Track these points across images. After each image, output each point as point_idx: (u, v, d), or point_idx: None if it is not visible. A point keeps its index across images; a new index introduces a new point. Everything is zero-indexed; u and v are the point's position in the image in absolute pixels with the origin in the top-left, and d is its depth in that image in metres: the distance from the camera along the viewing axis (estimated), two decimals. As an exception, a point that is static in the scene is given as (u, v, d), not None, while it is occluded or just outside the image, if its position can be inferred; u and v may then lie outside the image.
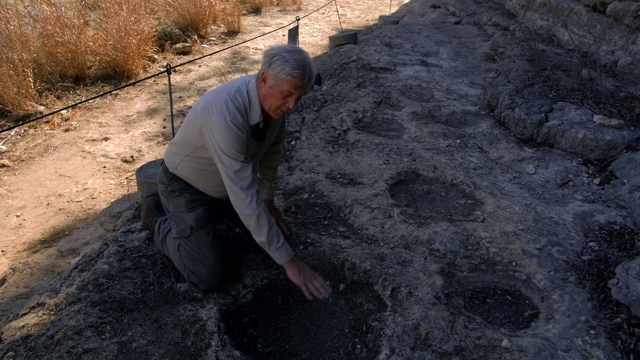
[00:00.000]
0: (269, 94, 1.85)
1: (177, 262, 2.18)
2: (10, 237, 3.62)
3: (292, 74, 1.77)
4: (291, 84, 1.79)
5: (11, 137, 5.08)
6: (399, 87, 5.04)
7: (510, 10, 8.36)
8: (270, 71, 1.80)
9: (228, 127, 1.81)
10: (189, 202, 2.12)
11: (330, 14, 12.43)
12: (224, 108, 1.83)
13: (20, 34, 5.90)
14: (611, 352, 1.82)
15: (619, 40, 4.90)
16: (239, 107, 1.85)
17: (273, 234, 1.91)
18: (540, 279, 2.26)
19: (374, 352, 1.87)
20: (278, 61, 1.78)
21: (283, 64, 1.77)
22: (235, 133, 1.82)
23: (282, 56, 1.78)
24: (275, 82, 1.80)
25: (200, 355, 1.76)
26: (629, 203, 2.83)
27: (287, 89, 1.80)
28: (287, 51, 1.79)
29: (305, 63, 1.79)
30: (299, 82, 1.79)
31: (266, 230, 1.89)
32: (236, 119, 1.83)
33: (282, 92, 1.82)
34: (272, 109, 1.88)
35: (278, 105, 1.86)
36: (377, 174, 3.27)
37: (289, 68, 1.76)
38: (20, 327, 1.94)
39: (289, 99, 1.84)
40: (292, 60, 1.77)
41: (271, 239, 1.91)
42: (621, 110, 3.80)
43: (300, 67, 1.77)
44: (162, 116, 5.78)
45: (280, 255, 1.94)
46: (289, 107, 1.86)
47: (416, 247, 2.50)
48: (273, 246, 1.92)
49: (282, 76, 1.77)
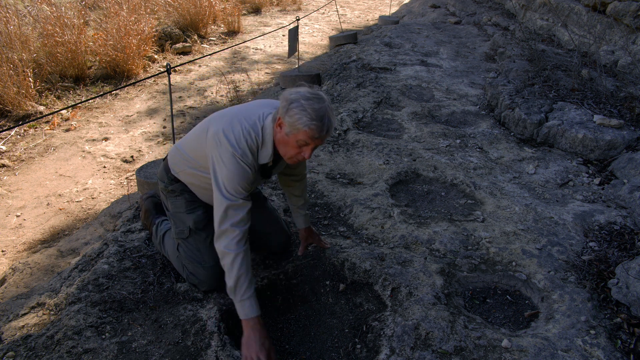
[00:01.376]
0: (284, 141, 1.75)
1: (176, 263, 2.17)
2: (10, 237, 3.62)
3: (309, 126, 1.66)
4: (308, 135, 1.68)
5: (11, 137, 5.08)
6: (399, 87, 5.04)
7: (510, 10, 8.36)
8: (287, 118, 1.69)
9: (235, 164, 1.74)
10: (189, 203, 2.11)
11: (330, 14, 12.43)
12: (234, 143, 1.74)
13: (20, 34, 5.90)
14: (611, 352, 1.82)
15: (619, 40, 4.90)
16: (251, 145, 1.77)
17: (243, 282, 1.75)
18: (540, 279, 2.26)
19: (374, 352, 1.87)
20: (296, 109, 1.67)
21: (301, 113, 1.66)
22: (242, 171, 1.75)
23: (300, 104, 1.67)
24: (291, 131, 1.70)
25: (200, 355, 1.76)
26: (629, 203, 2.83)
27: (303, 139, 1.70)
28: (306, 98, 1.68)
29: (324, 113, 1.68)
30: (316, 134, 1.68)
31: (235, 275, 1.74)
32: (245, 157, 1.75)
33: (298, 142, 1.72)
34: (287, 156, 1.79)
35: (293, 154, 1.77)
36: (377, 174, 3.27)
37: (306, 118, 1.65)
38: (20, 327, 1.94)
39: (305, 149, 1.74)
40: (310, 109, 1.66)
41: (239, 286, 1.75)
42: (621, 110, 3.80)
43: (318, 119, 1.66)
44: (162, 116, 5.79)
45: (242, 307, 1.76)
46: (305, 157, 1.75)
47: (416, 247, 2.50)
48: (238, 296, 1.76)
49: (299, 126, 1.67)
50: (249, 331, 1.75)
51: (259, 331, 1.75)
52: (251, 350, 1.71)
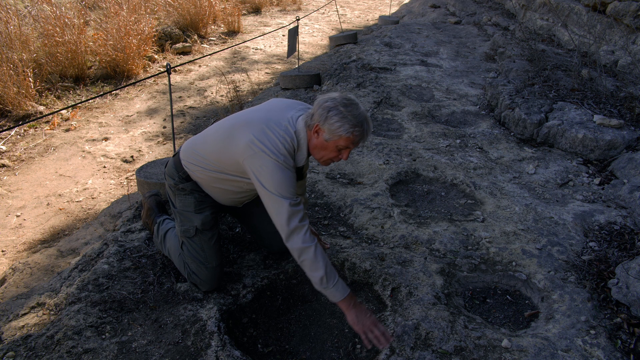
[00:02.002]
0: (322, 146, 1.84)
1: (177, 261, 2.17)
2: (10, 237, 3.62)
3: (352, 132, 1.77)
4: (350, 140, 1.79)
5: (11, 137, 5.08)
6: (399, 87, 5.04)
7: (510, 10, 8.36)
8: (327, 126, 1.77)
9: (281, 170, 1.79)
10: (198, 203, 2.09)
11: (330, 14, 12.43)
12: (274, 150, 1.78)
13: (20, 34, 5.90)
14: (611, 352, 1.82)
15: (619, 40, 4.90)
16: (289, 149, 1.83)
17: (330, 269, 1.81)
18: (540, 279, 2.26)
19: (374, 352, 1.87)
20: (336, 117, 1.75)
21: (342, 121, 1.75)
22: (288, 175, 1.81)
23: (339, 111, 1.76)
24: (331, 137, 1.79)
25: (200, 355, 1.76)
26: (629, 203, 2.83)
27: (344, 145, 1.80)
28: (344, 105, 1.77)
29: (364, 119, 1.79)
30: (358, 139, 1.80)
31: (323, 264, 1.79)
32: (287, 162, 1.81)
33: (338, 146, 1.81)
34: (324, 159, 1.89)
35: (331, 157, 1.86)
36: (377, 174, 3.27)
37: (348, 125, 1.75)
38: (20, 327, 1.94)
39: (344, 152, 1.84)
40: (351, 116, 1.76)
41: (329, 274, 1.80)
42: (621, 110, 3.80)
43: (359, 124, 1.77)
44: (162, 116, 5.79)
45: (337, 291, 1.82)
46: (343, 158, 1.87)
47: (416, 247, 2.51)
48: (331, 281, 1.81)
49: (341, 133, 1.76)
50: (355, 308, 1.82)
51: (361, 307, 1.84)
52: (366, 324, 1.79)
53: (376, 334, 1.78)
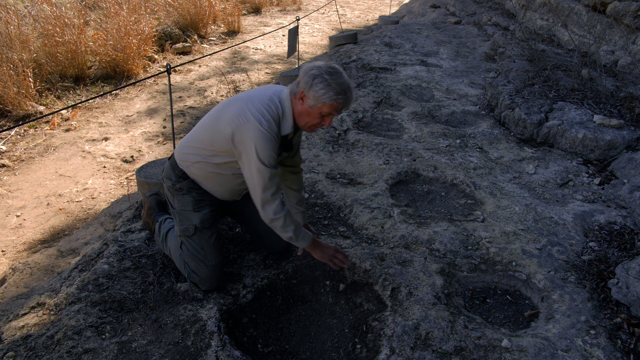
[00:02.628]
0: (307, 112, 1.89)
1: (178, 261, 2.17)
2: (10, 237, 3.62)
3: (336, 99, 1.82)
4: (333, 107, 1.84)
5: (11, 137, 5.08)
6: (399, 87, 5.04)
7: (510, 10, 8.36)
8: (312, 93, 1.83)
9: (264, 135, 1.83)
10: (196, 202, 2.10)
11: (330, 14, 12.43)
12: (259, 116, 1.84)
13: (20, 34, 5.90)
14: (611, 352, 1.82)
15: (619, 40, 4.90)
16: (274, 116, 1.88)
17: (297, 229, 2.01)
18: (540, 279, 2.26)
19: (374, 352, 1.87)
20: (320, 84, 1.81)
21: (326, 88, 1.80)
22: (270, 142, 1.84)
23: (324, 78, 1.81)
24: (316, 104, 1.84)
25: (200, 355, 1.76)
26: (629, 203, 2.83)
27: (327, 111, 1.85)
28: (329, 73, 1.82)
29: (347, 87, 1.84)
30: (341, 106, 1.86)
31: (292, 228, 1.98)
32: (271, 128, 1.85)
33: (322, 113, 1.86)
34: (308, 125, 1.94)
35: (314, 123, 1.91)
36: (377, 174, 3.27)
37: (332, 93, 1.80)
38: (20, 327, 1.94)
39: (327, 119, 1.90)
40: (335, 84, 1.81)
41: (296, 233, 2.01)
42: (621, 110, 3.80)
43: (343, 92, 1.82)
44: (162, 116, 5.79)
45: (304, 239, 2.05)
46: (325, 125, 1.92)
47: (416, 247, 2.50)
48: (299, 238, 2.03)
49: (325, 99, 1.82)
50: (316, 247, 2.11)
51: (323, 243, 2.14)
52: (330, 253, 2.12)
53: (340, 258, 2.13)
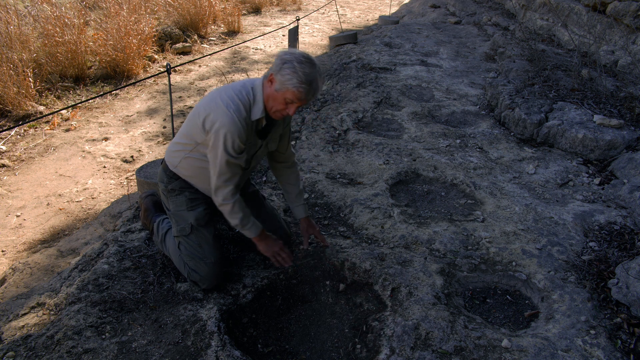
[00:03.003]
0: (273, 96, 1.88)
1: (177, 261, 2.18)
2: (10, 237, 3.62)
3: (298, 88, 1.80)
4: (295, 95, 1.83)
5: (11, 137, 5.08)
6: (399, 87, 5.04)
7: (510, 10, 8.36)
8: (279, 77, 1.83)
9: (230, 119, 1.84)
10: (190, 201, 2.12)
11: (330, 14, 12.43)
12: (227, 101, 1.87)
13: (20, 34, 5.90)
14: (611, 352, 1.82)
15: (619, 40, 4.90)
16: (243, 101, 1.89)
17: (244, 218, 2.04)
18: (540, 279, 2.26)
19: (374, 352, 1.87)
20: (288, 69, 1.80)
21: (292, 74, 1.80)
22: (236, 126, 1.85)
23: (293, 65, 1.80)
24: (281, 88, 1.84)
25: (200, 355, 1.76)
26: (629, 203, 2.83)
27: (290, 98, 1.84)
28: (299, 61, 1.81)
29: (313, 78, 1.82)
30: (303, 96, 1.83)
31: (238, 216, 2.02)
32: (239, 112, 1.86)
33: (286, 99, 1.85)
34: (273, 110, 1.92)
35: (279, 108, 1.90)
36: (377, 174, 3.27)
37: (296, 80, 1.79)
38: (20, 327, 1.94)
39: (291, 106, 1.88)
40: (301, 72, 1.79)
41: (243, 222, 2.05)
42: (621, 110, 3.80)
43: (307, 82, 1.80)
44: (162, 116, 5.79)
45: (250, 230, 2.09)
46: (289, 113, 1.90)
47: (416, 247, 2.50)
48: (245, 227, 2.06)
49: (288, 86, 1.81)
50: (262, 240, 2.14)
51: (268, 237, 2.17)
52: (274, 249, 2.16)
53: (283, 256, 2.16)
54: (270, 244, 2.16)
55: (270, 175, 3.33)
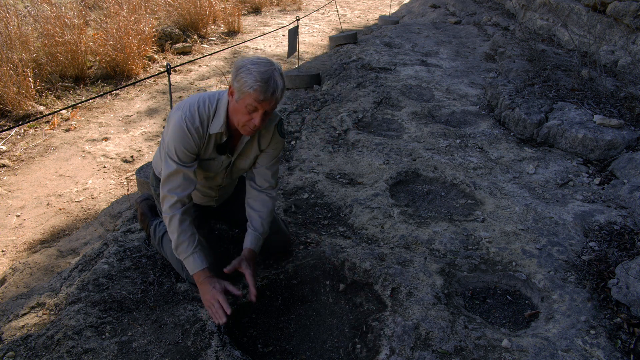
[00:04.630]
0: (235, 109, 1.77)
1: (175, 263, 2.17)
2: (10, 237, 3.62)
3: (253, 87, 1.66)
4: (253, 97, 1.68)
5: (11, 137, 5.08)
6: (399, 87, 5.04)
7: (510, 10, 8.36)
8: (235, 84, 1.72)
9: (179, 126, 1.78)
10: None
11: (330, 14, 12.43)
12: (186, 108, 1.81)
13: (20, 34, 5.90)
14: (611, 352, 1.82)
15: (619, 40, 4.90)
16: (201, 112, 1.81)
17: (182, 240, 1.85)
18: (540, 279, 2.26)
19: (374, 352, 1.87)
20: (243, 74, 1.69)
21: (246, 77, 1.67)
22: (184, 134, 1.78)
23: (247, 68, 1.68)
24: (239, 96, 1.71)
25: (200, 355, 1.76)
26: (629, 203, 2.83)
27: (250, 103, 1.70)
28: (253, 63, 1.69)
29: (270, 76, 1.68)
30: (261, 95, 1.68)
31: (175, 236, 1.86)
32: (192, 121, 1.79)
33: (247, 107, 1.71)
34: (240, 125, 1.80)
35: (244, 121, 1.76)
36: (377, 174, 3.27)
37: (251, 80, 1.66)
38: (20, 327, 1.94)
39: (254, 115, 1.73)
40: (256, 72, 1.67)
41: (180, 247, 1.86)
42: (621, 110, 3.80)
43: (263, 80, 1.66)
44: (162, 116, 5.78)
45: (188, 264, 1.89)
46: (255, 123, 1.74)
47: (416, 247, 2.50)
48: (182, 254, 1.88)
49: (245, 89, 1.68)
50: (199, 286, 1.89)
51: (207, 281, 1.87)
52: (207, 299, 1.86)
53: (214, 310, 1.82)
54: (206, 290, 1.85)
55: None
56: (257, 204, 2.08)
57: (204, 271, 1.88)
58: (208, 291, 1.85)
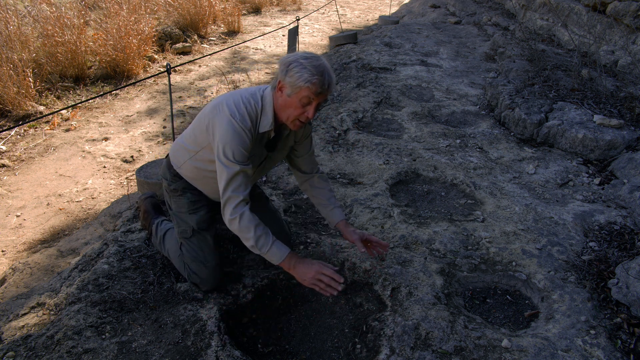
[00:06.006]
0: (286, 103, 1.78)
1: (177, 262, 2.17)
2: (10, 237, 3.62)
3: (311, 81, 1.70)
4: (310, 90, 1.71)
5: (11, 137, 5.08)
6: (399, 87, 5.04)
7: (510, 10, 8.36)
8: (288, 79, 1.73)
9: (233, 128, 1.75)
10: (192, 203, 2.10)
11: (330, 14, 12.43)
12: (233, 108, 1.78)
13: (20, 34, 5.91)
14: (611, 352, 1.82)
15: (619, 40, 4.90)
16: (250, 111, 1.80)
17: (261, 235, 1.79)
18: (540, 279, 2.26)
19: (374, 352, 1.87)
20: (295, 68, 1.71)
21: (301, 71, 1.70)
22: (239, 136, 1.76)
23: (299, 63, 1.71)
24: (293, 91, 1.73)
25: (200, 355, 1.76)
26: (629, 203, 2.83)
27: (306, 96, 1.73)
28: (304, 58, 1.73)
29: (324, 69, 1.73)
30: (319, 88, 1.72)
31: (253, 234, 1.78)
32: (244, 122, 1.77)
33: (301, 100, 1.74)
34: (291, 119, 1.81)
35: (296, 115, 1.78)
36: (377, 174, 3.27)
37: (307, 75, 1.70)
38: (20, 327, 1.94)
39: (308, 108, 1.76)
40: (310, 66, 1.70)
41: (259, 241, 1.79)
42: (621, 110, 3.80)
43: (319, 73, 1.71)
44: (162, 116, 5.79)
45: (273, 255, 1.82)
46: (308, 116, 1.78)
47: (416, 247, 2.50)
48: (265, 247, 1.81)
49: (301, 83, 1.70)
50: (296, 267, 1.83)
51: (302, 262, 1.83)
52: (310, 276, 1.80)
53: (325, 282, 1.79)
54: (306, 268, 1.81)
55: (270, 175, 3.33)
56: (320, 183, 2.21)
57: (292, 253, 1.85)
58: (309, 269, 1.81)
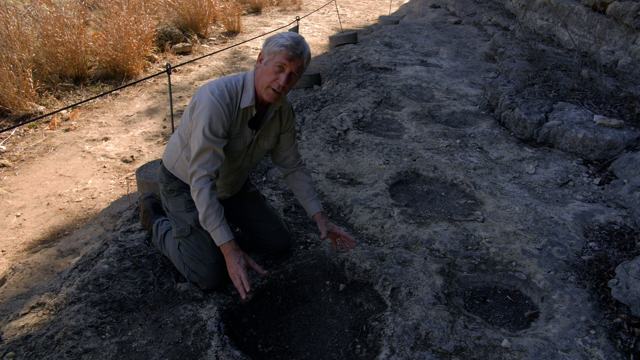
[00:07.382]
0: (262, 72, 1.88)
1: (177, 262, 2.18)
2: (10, 237, 3.62)
3: (284, 44, 1.80)
4: (282, 54, 1.81)
5: (11, 137, 5.08)
6: (399, 87, 5.04)
7: (510, 10, 8.36)
8: (265, 49, 1.86)
9: (210, 102, 1.84)
10: (189, 202, 2.12)
11: (330, 14, 12.43)
12: (214, 87, 1.89)
13: (20, 34, 5.90)
14: (611, 352, 1.82)
15: (619, 40, 4.90)
16: (230, 88, 1.90)
17: (210, 212, 1.89)
18: (540, 279, 2.26)
19: (374, 352, 1.87)
20: (274, 39, 1.85)
21: (278, 40, 1.83)
22: (216, 109, 1.85)
23: (279, 34, 1.86)
24: (269, 58, 1.85)
25: (200, 355, 1.76)
26: (629, 203, 2.83)
27: (279, 61, 1.82)
28: (282, 34, 1.87)
29: (300, 39, 1.84)
30: (291, 51, 1.81)
31: (204, 210, 1.88)
32: (223, 97, 1.87)
33: (274, 66, 1.83)
34: (264, 87, 1.89)
35: (269, 81, 1.86)
36: (377, 174, 3.27)
37: (282, 40, 1.82)
38: (20, 327, 1.94)
39: (281, 74, 1.84)
40: (287, 35, 1.84)
41: (207, 219, 1.89)
42: (621, 110, 3.80)
43: (293, 40, 1.82)
44: (162, 116, 5.78)
45: (215, 235, 1.93)
46: (280, 82, 1.84)
47: (416, 247, 2.50)
48: (210, 226, 1.91)
49: (275, 48, 1.82)
50: (226, 256, 1.93)
51: (233, 254, 1.91)
52: (231, 272, 1.90)
53: (237, 284, 1.87)
54: (231, 263, 1.91)
55: (270, 175, 3.33)
56: (301, 176, 2.29)
57: (230, 243, 1.93)
58: (233, 265, 1.91)
